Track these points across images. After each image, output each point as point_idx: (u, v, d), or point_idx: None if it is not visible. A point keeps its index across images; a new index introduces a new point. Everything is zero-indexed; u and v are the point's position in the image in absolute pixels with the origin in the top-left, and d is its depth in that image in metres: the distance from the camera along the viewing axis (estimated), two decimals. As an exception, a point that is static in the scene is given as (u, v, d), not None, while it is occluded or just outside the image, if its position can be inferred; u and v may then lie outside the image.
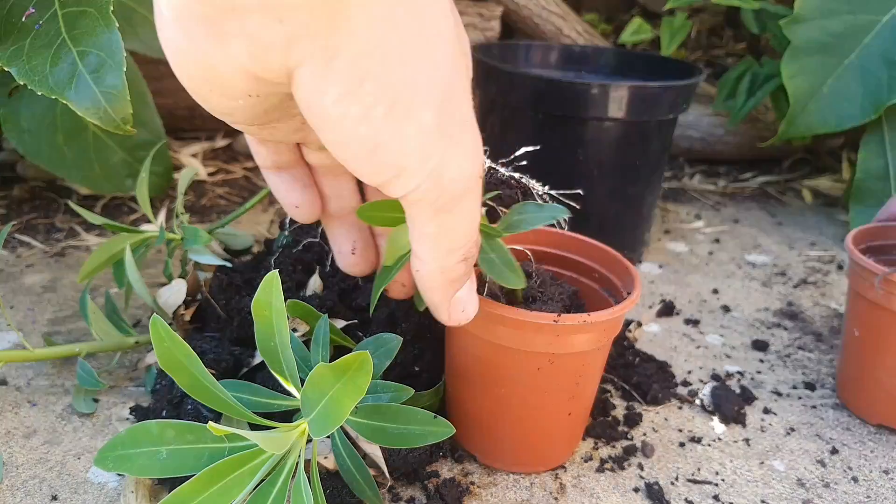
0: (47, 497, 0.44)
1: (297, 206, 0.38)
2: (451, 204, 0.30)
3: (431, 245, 0.32)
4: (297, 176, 0.37)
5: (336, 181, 0.38)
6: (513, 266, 0.37)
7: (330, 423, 0.34)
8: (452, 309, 0.36)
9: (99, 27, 0.50)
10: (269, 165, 0.37)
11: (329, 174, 0.38)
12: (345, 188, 0.38)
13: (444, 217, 0.30)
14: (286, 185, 0.37)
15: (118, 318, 0.57)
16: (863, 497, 0.48)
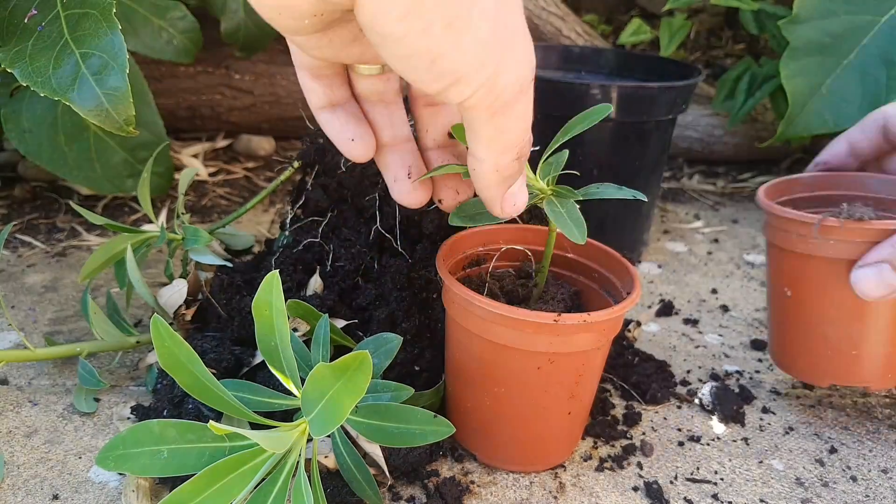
0: (48, 496, 0.44)
1: (353, 138, 0.39)
2: (505, 108, 0.32)
3: (487, 145, 0.34)
4: (350, 111, 0.39)
5: (387, 110, 0.40)
6: (580, 223, 0.39)
7: (330, 423, 0.34)
8: (505, 203, 0.38)
9: (101, 29, 0.50)
10: (323, 104, 0.39)
11: (380, 103, 0.40)
12: (396, 116, 0.40)
13: (499, 119, 0.33)
14: (340, 120, 0.39)
15: (119, 317, 0.57)
16: (861, 496, 0.48)
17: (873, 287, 0.45)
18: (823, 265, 0.48)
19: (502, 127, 0.33)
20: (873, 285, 0.45)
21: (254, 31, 0.97)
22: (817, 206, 0.55)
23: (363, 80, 0.39)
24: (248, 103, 1.06)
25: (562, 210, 0.40)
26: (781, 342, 0.55)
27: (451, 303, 0.44)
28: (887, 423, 0.56)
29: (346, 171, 0.56)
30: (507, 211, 0.39)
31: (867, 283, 0.45)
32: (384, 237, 0.56)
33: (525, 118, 0.34)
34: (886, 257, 0.44)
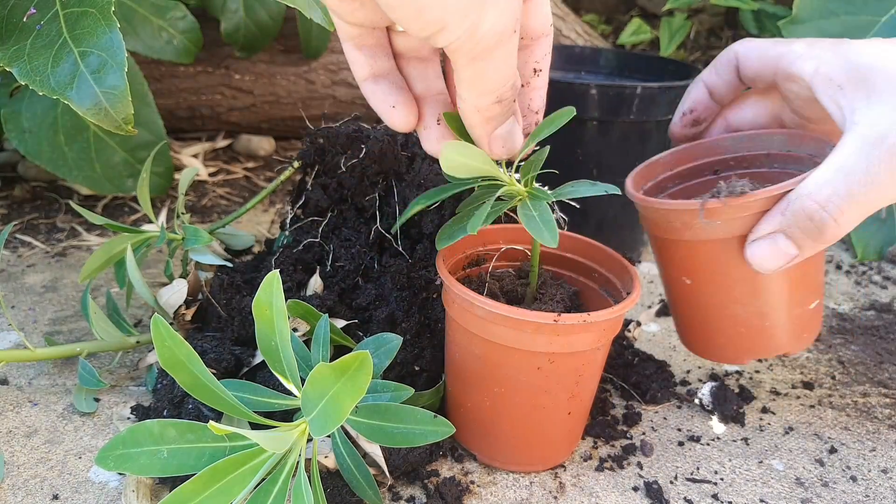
0: (48, 496, 0.44)
1: (394, 105, 0.41)
2: (484, 53, 0.35)
3: (468, 87, 0.37)
4: (392, 81, 0.41)
5: (422, 65, 0.42)
6: (551, 225, 0.39)
7: (330, 423, 0.34)
8: (493, 143, 0.40)
9: (100, 28, 0.50)
10: (366, 75, 0.41)
11: (415, 59, 0.42)
12: (430, 71, 0.42)
13: (479, 64, 0.35)
14: (383, 90, 0.41)
15: (119, 317, 0.57)
16: (861, 496, 0.48)
17: (770, 259, 0.43)
18: (717, 247, 0.46)
19: (481, 71, 0.36)
20: (769, 257, 0.43)
21: (254, 31, 0.97)
22: (683, 183, 0.54)
23: (400, 37, 0.41)
24: (248, 103, 1.06)
25: (534, 213, 0.40)
26: (692, 330, 0.53)
27: (451, 303, 0.44)
28: (887, 423, 0.56)
29: (346, 171, 0.56)
30: (495, 151, 0.41)
31: (763, 257, 0.43)
32: (384, 237, 0.56)
33: (504, 65, 0.36)
34: (777, 227, 0.42)
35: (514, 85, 0.38)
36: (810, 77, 0.43)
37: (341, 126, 0.57)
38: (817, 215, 0.40)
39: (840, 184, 0.40)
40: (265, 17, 0.97)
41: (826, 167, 0.40)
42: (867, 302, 0.76)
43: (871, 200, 0.40)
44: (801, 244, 0.41)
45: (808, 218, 0.40)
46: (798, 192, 0.41)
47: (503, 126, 0.40)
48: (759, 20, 1.02)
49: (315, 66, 1.05)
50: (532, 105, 0.44)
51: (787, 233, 0.41)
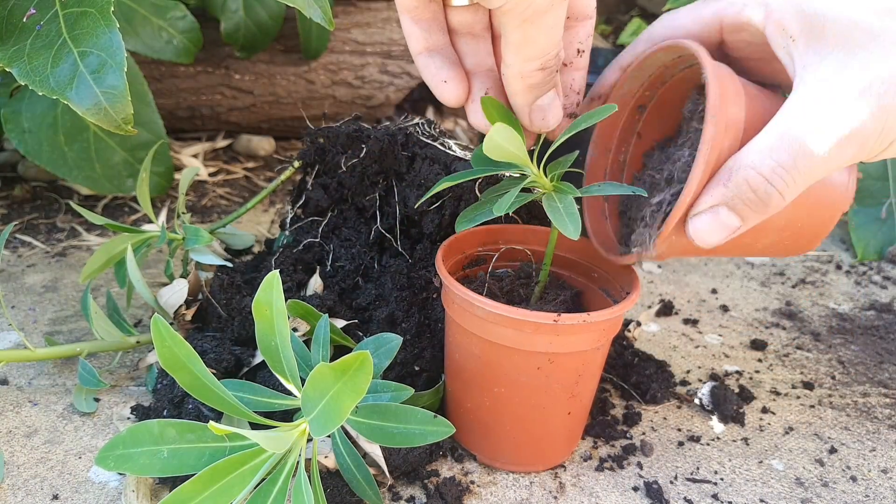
0: (48, 496, 0.44)
1: (446, 80, 0.42)
2: (535, 16, 0.36)
3: (515, 51, 0.38)
4: (446, 55, 0.42)
5: (474, 41, 0.43)
6: (574, 218, 0.39)
7: (330, 423, 0.34)
8: (533, 114, 0.41)
9: (100, 28, 0.50)
10: (421, 49, 0.42)
11: (468, 35, 0.42)
12: (481, 47, 0.43)
13: (528, 27, 0.36)
14: (436, 64, 0.42)
15: (119, 317, 0.57)
16: (861, 496, 0.48)
17: (713, 232, 0.39)
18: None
19: (529, 35, 0.37)
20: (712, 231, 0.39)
21: (254, 31, 0.97)
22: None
23: (455, 12, 0.41)
24: (248, 103, 1.06)
25: (559, 205, 0.40)
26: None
27: (451, 303, 0.44)
28: (887, 423, 0.56)
29: (346, 170, 0.56)
30: (535, 123, 0.42)
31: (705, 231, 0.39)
32: (384, 237, 0.56)
33: (552, 31, 0.37)
34: (720, 199, 0.38)
35: (559, 55, 0.39)
36: (762, 24, 0.40)
37: (341, 126, 0.57)
38: (762, 188, 0.37)
39: (783, 153, 0.36)
40: (265, 17, 0.97)
41: (769, 132, 0.37)
42: (867, 302, 0.76)
43: (817, 170, 0.37)
44: (745, 216, 0.39)
45: (751, 190, 0.37)
46: (739, 162, 0.37)
47: (545, 97, 0.41)
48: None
49: (315, 66, 1.05)
50: (574, 85, 0.45)
51: (729, 205, 0.38)
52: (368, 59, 1.07)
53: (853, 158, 0.37)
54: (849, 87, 0.35)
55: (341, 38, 1.06)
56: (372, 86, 1.08)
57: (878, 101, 0.35)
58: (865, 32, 0.36)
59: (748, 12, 0.40)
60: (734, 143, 0.38)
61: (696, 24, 0.43)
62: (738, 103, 0.38)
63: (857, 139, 0.36)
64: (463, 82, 0.42)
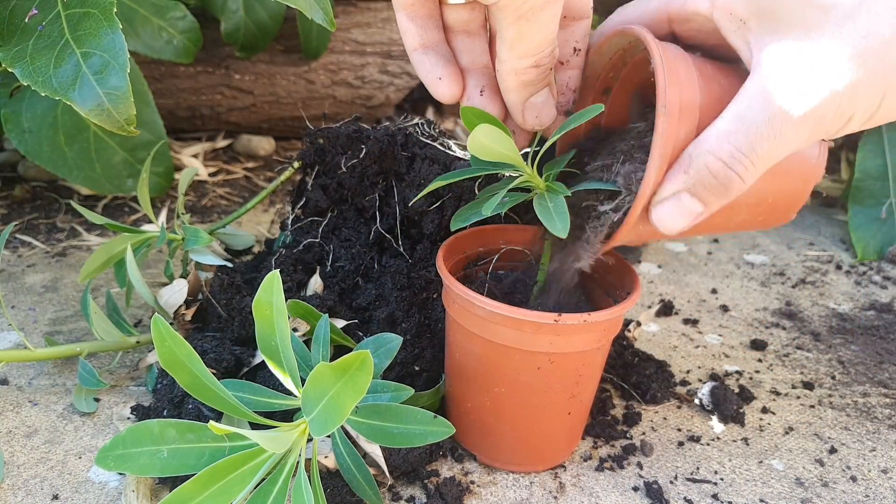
0: (48, 496, 0.44)
1: (441, 77, 0.42)
2: (531, 13, 0.36)
3: (509, 47, 0.38)
4: (441, 53, 0.42)
5: (469, 38, 0.43)
6: (564, 217, 0.39)
7: (330, 423, 0.34)
8: (527, 112, 0.41)
9: (102, 28, 0.50)
10: (417, 45, 0.42)
11: (463, 33, 0.42)
12: (477, 45, 0.43)
13: (523, 24, 0.36)
14: (431, 61, 0.42)
15: (119, 317, 0.57)
16: (861, 496, 0.48)
17: (677, 219, 0.39)
18: None
19: (524, 32, 0.37)
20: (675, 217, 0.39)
21: (254, 31, 0.97)
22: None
23: (451, 10, 0.42)
24: (248, 103, 1.06)
25: (549, 204, 0.40)
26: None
27: (452, 303, 0.44)
28: (887, 423, 0.56)
29: (346, 171, 0.56)
30: (529, 121, 0.42)
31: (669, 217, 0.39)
32: (384, 237, 0.56)
33: (547, 28, 0.37)
34: (681, 186, 0.38)
35: (553, 52, 0.39)
36: (708, 11, 0.39)
37: (341, 126, 0.57)
38: (722, 172, 0.37)
39: (741, 137, 0.36)
40: (265, 17, 0.97)
41: (727, 116, 0.37)
42: (867, 302, 0.76)
43: (776, 151, 0.37)
44: (707, 201, 0.38)
45: (712, 176, 0.37)
46: (699, 148, 0.37)
47: (538, 94, 0.41)
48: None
49: (315, 66, 1.05)
50: (570, 84, 0.45)
51: (691, 191, 0.38)
52: (368, 59, 1.07)
53: (811, 139, 0.37)
54: (803, 68, 0.35)
55: (341, 38, 1.06)
56: (372, 86, 1.08)
57: (832, 81, 0.35)
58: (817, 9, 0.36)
59: (693, 2, 0.40)
60: (691, 127, 0.38)
61: (644, 17, 0.43)
62: (691, 85, 0.38)
63: (812, 119, 0.35)
64: (458, 79, 0.42)
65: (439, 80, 0.42)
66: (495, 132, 0.37)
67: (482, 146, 0.38)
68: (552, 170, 0.43)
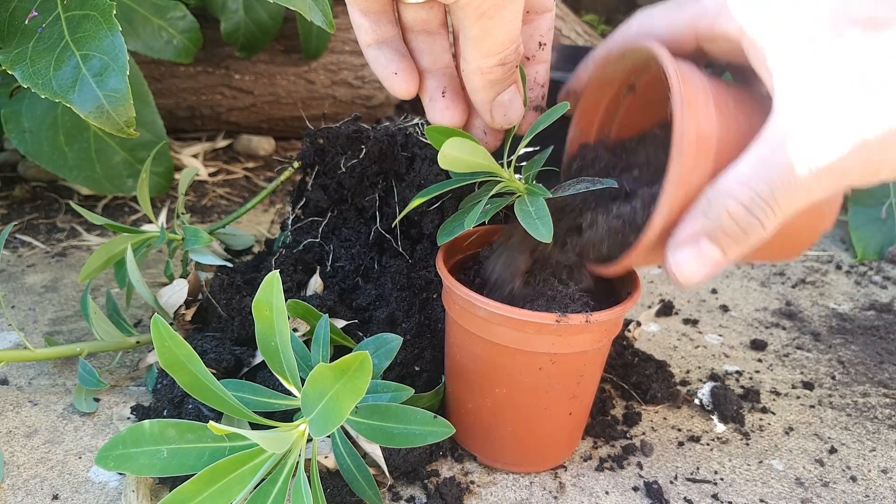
0: (48, 496, 0.44)
1: (396, 72, 0.41)
2: (492, 10, 0.35)
3: (473, 46, 0.37)
4: (395, 48, 0.41)
5: (430, 38, 0.42)
6: (546, 220, 0.39)
7: (330, 423, 0.34)
8: (494, 111, 0.41)
9: (102, 31, 0.50)
10: (370, 41, 0.41)
11: (423, 33, 0.42)
12: (437, 44, 0.42)
13: (486, 22, 0.36)
14: (386, 56, 0.41)
15: (119, 317, 0.57)
16: (861, 496, 0.48)
17: (696, 268, 0.37)
18: None
19: (487, 30, 0.36)
20: (695, 266, 0.37)
21: (254, 31, 0.97)
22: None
23: (409, 9, 0.41)
24: (248, 103, 1.06)
25: (531, 209, 0.40)
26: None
27: (452, 304, 0.44)
28: (887, 423, 0.56)
29: (346, 171, 0.56)
30: (497, 120, 0.41)
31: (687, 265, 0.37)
32: (384, 237, 0.56)
33: (510, 24, 0.37)
34: (700, 229, 0.36)
35: (518, 49, 0.39)
36: (737, 36, 0.37)
37: (341, 126, 0.57)
38: (743, 218, 0.35)
39: (763, 184, 0.34)
40: (265, 17, 0.97)
41: (749, 160, 0.35)
42: (867, 302, 0.76)
43: (797, 201, 0.35)
44: (726, 247, 0.36)
45: (732, 220, 0.36)
46: (719, 191, 0.36)
47: (505, 93, 0.40)
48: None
49: (315, 66, 1.05)
50: (538, 78, 0.45)
51: (710, 236, 0.36)
52: (368, 60, 1.07)
53: (836, 190, 0.35)
54: (830, 112, 0.33)
55: (341, 38, 1.06)
56: (372, 86, 1.08)
57: (862, 129, 0.33)
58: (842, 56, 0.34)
59: (722, 23, 0.38)
60: (707, 164, 0.36)
61: (671, 29, 0.41)
62: (709, 118, 0.36)
63: (839, 171, 0.34)
64: (413, 74, 0.42)
65: (395, 74, 0.41)
66: (465, 143, 0.37)
67: (454, 160, 0.38)
68: (530, 171, 0.43)
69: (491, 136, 0.44)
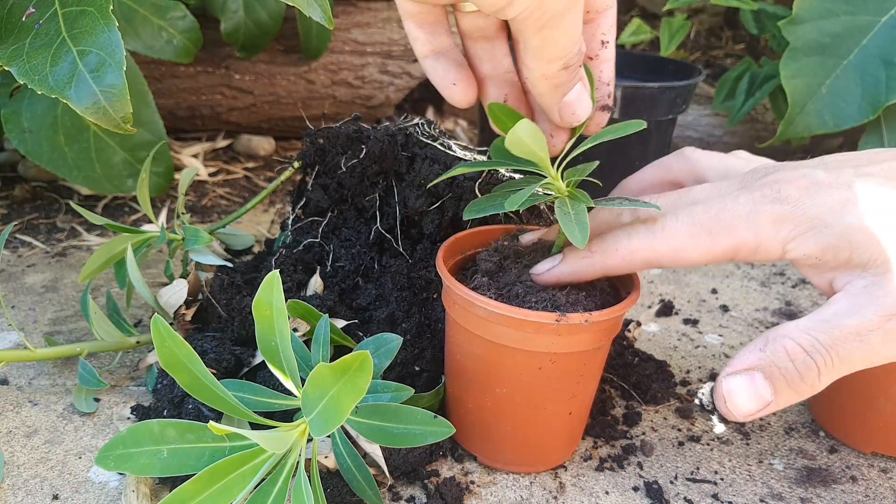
0: (48, 496, 0.44)
1: (454, 83, 0.42)
2: (553, 21, 0.36)
3: (535, 55, 0.38)
4: (452, 58, 0.42)
5: (489, 44, 0.42)
6: (584, 227, 0.39)
7: (330, 423, 0.34)
8: (563, 111, 0.41)
9: (99, 26, 0.50)
10: (427, 52, 0.41)
11: (482, 39, 0.42)
12: (497, 50, 0.43)
13: (546, 32, 0.36)
14: (443, 66, 0.42)
15: (119, 317, 0.57)
16: (861, 496, 0.48)
17: (745, 400, 0.37)
18: None
19: (549, 38, 0.37)
20: (747, 399, 0.37)
21: (254, 31, 0.97)
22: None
23: (466, 17, 0.41)
24: (248, 103, 1.06)
25: (571, 212, 0.40)
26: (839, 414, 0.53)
27: (452, 303, 0.44)
28: (887, 423, 0.56)
29: (346, 171, 0.56)
30: (565, 118, 0.42)
31: (738, 395, 0.37)
32: (384, 237, 0.56)
33: (571, 31, 0.37)
34: (756, 363, 0.37)
35: (580, 50, 0.39)
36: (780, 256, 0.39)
37: (341, 126, 0.57)
38: (800, 357, 0.36)
39: (822, 334, 0.36)
40: (265, 17, 0.97)
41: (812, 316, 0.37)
42: (867, 302, 0.76)
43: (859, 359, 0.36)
44: (779, 388, 0.37)
45: (789, 359, 0.36)
46: (778, 332, 0.37)
47: (572, 92, 0.41)
48: (759, 20, 1.02)
49: (315, 66, 1.05)
50: (602, 77, 0.45)
51: (765, 372, 0.37)
52: (368, 59, 1.07)
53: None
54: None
55: (341, 38, 1.06)
56: (372, 86, 1.08)
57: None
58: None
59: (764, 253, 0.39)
60: None
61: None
62: None
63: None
64: (472, 84, 0.42)
65: (453, 85, 0.42)
66: (534, 130, 0.37)
67: (521, 143, 0.37)
68: (573, 177, 0.43)
69: (557, 138, 0.44)
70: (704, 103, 1.10)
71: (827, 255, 0.37)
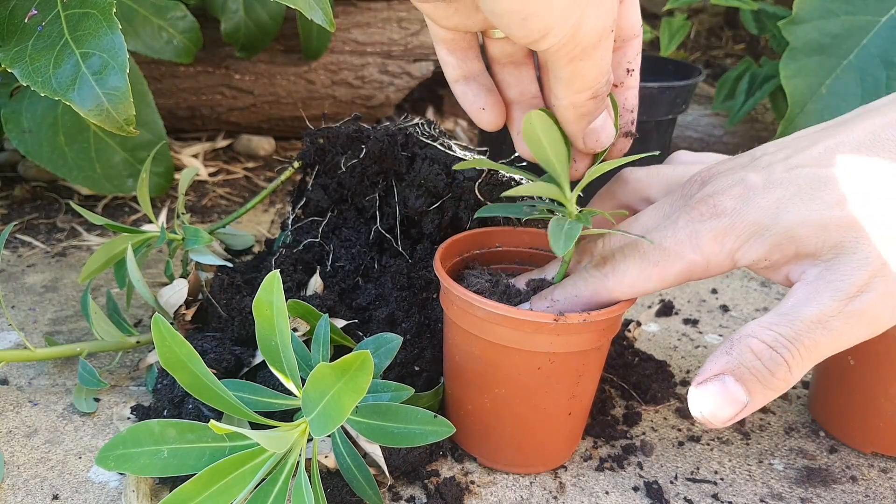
0: (48, 496, 0.44)
1: (483, 108, 0.42)
2: (583, 53, 0.36)
3: (565, 86, 0.38)
4: (482, 83, 0.43)
5: (517, 70, 0.43)
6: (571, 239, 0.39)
7: (331, 423, 0.34)
8: (587, 138, 0.42)
9: (102, 29, 0.50)
10: (458, 77, 0.42)
11: (510, 65, 0.43)
12: (524, 76, 0.43)
13: (578, 64, 0.37)
14: (473, 91, 0.42)
15: (119, 317, 0.57)
16: (861, 496, 0.48)
17: (721, 406, 0.36)
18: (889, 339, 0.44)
19: (579, 70, 0.37)
20: (721, 404, 0.36)
21: (254, 31, 0.97)
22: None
23: (495, 43, 0.42)
24: (248, 103, 1.06)
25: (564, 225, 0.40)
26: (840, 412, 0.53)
27: (451, 304, 0.44)
28: (887, 423, 0.56)
29: (346, 171, 0.56)
30: (589, 146, 0.42)
31: (714, 404, 0.36)
32: (384, 237, 0.56)
33: (601, 63, 0.37)
34: (724, 367, 0.36)
35: (609, 80, 0.40)
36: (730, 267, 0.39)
37: (341, 126, 0.57)
38: (766, 354, 0.35)
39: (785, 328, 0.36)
40: (265, 17, 0.97)
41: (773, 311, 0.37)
42: (867, 302, 0.76)
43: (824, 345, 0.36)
44: (752, 388, 0.36)
45: (755, 357, 0.36)
46: (742, 332, 0.37)
47: (597, 120, 0.41)
48: (759, 20, 1.02)
49: (315, 66, 1.05)
50: (626, 104, 0.45)
51: (735, 374, 0.36)
52: (368, 59, 1.07)
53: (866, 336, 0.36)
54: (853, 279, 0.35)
55: (341, 38, 1.06)
56: (372, 86, 1.08)
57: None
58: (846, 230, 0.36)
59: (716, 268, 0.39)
60: None
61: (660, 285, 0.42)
62: None
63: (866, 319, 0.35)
64: (500, 109, 0.43)
65: (483, 110, 0.42)
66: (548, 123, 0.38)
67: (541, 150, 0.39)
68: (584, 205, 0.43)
69: (580, 163, 0.45)
70: (704, 103, 1.10)
71: (774, 254, 0.37)
